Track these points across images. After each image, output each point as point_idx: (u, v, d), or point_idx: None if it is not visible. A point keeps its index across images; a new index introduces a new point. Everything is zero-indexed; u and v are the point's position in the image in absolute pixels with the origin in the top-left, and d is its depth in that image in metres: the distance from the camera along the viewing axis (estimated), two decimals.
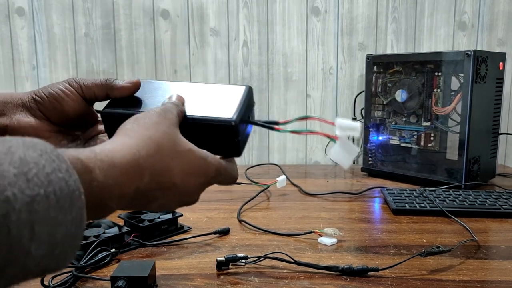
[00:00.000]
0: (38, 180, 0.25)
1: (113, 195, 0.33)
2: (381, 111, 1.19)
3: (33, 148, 0.26)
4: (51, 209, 0.25)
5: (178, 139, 0.39)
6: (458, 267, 0.61)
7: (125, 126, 0.39)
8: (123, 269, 0.55)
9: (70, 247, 0.27)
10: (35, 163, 0.25)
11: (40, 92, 0.46)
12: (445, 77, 1.06)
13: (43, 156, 0.26)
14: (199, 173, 0.40)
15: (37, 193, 0.24)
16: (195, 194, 0.42)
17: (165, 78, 1.38)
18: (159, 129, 0.38)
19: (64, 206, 0.26)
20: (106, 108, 0.47)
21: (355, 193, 1.01)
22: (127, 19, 1.36)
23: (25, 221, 0.23)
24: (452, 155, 1.07)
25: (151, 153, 0.36)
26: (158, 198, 0.38)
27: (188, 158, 0.39)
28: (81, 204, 0.28)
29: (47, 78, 1.37)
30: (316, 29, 1.37)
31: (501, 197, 0.91)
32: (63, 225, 0.26)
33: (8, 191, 0.23)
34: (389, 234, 0.75)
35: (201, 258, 0.65)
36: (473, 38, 1.36)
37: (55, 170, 0.26)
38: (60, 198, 0.26)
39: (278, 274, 0.60)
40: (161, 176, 0.37)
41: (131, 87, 0.47)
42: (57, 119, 0.47)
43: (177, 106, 0.43)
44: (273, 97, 1.40)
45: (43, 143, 0.28)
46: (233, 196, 0.99)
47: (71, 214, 0.27)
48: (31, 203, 0.24)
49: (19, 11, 1.34)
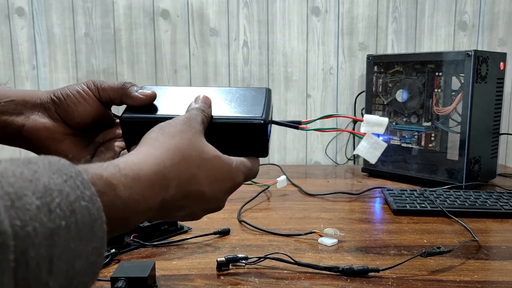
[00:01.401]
0: (60, 212, 0.24)
1: (139, 210, 0.32)
2: (381, 111, 1.19)
3: (58, 173, 0.26)
4: (71, 240, 0.24)
5: (204, 146, 0.39)
6: (459, 268, 0.61)
7: (149, 135, 0.38)
8: (123, 269, 0.54)
9: (89, 275, 0.27)
10: (59, 190, 0.25)
11: (58, 92, 0.45)
12: (446, 77, 1.06)
13: (68, 182, 0.25)
14: (226, 179, 0.40)
15: (58, 225, 0.24)
16: (222, 200, 0.42)
17: (165, 78, 1.38)
18: (184, 137, 0.38)
19: (85, 237, 0.25)
20: (124, 113, 0.45)
21: (355, 193, 1.01)
22: (127, 19, 1.36)
23: (44, 256, 0.23)
24: (452, 155, 1.07)
25: (176, 162, 0.36)
26: (185, 207, 0.38)
27: (214, 165, 0.39)
28: (102, 234, 0.27)
29: (47, 78, 1.37)
30: (316, 29, 1.37)
31: (502, 198, 0.91)
32: (83, 255, 0.25)
33: (29, 227, 0.22)
34: (389, 234, 0.75)
35: (201, 259, 0.65)
36: (473, 38, 1.36)
37: (79, 198, 0.25)
38: (81, 228, 0.25)
39: (279, 274, 0.60)
40: (188, 185, 0.37)
41: (144, 100, 0.45)
42: (73, 121, 0.46)
43: (203, 111, 0.42)
44: (273, 97, 1.39)
45: (68, 165, 0.27)
46: (233, 196, 0.98)
47: (92, 244, 0.26)
48: (51, 236, 0.23)
49: (19, 11, 1.34)
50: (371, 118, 0.48)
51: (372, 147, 0.49)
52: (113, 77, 1.38)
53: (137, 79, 1.38)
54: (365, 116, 0.49)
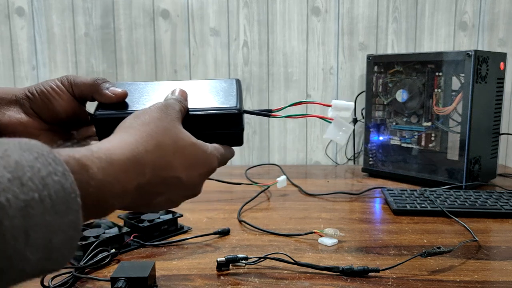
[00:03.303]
0: (32, 184, 0.24)
1: (114, 193, 0.32)
2: (381, 111, 1.19)
3: (29, 151, 0.26)
4: (46, 213, 0.25)
5: (180, 134, 0.40)
6: (459, 268, 0.61)
7: (124, 123, 0.39)
8: (123, 269, 0.54)
9: (67, 249, 0.27)
10: (30, 166, 0.25)
11: (32, 89, 0.46)
12: (446, 77, 1.06)
13: (39, 159, 0.26)
14: (201, 165, 0.41)
15: (31, 198, 0.24)
16: (198, 185, 0.43)
17: (165, 78, 1.38)
18: (159, 125, 0.38)
19: (60, 210, 0.26)
20: (97, 110, 0.45)
21: (355, 193, 1.01)
22: (127, 19, 1.36)
23: (20, 227, 0.23)
24: (452, 155, 1.07)
25: (151, 148, 0.36)
26: (162, 193, 0.38)
27: (190, 152, 0.40)
28: (77, 207, 0.27)
29: (47, 78, 1.36)
30: (316, 29, 1.37)
31: (502, 198, 0.91)
32: (60, 228, 0.26)
33: (1, 197, 0.23)
34: (389, 234, 0.75)
35: (201, 259, 0.65)
36: (473, 38, 1.36)
37: (51, 173, 0.26)
38: (56, 202, 0.25)
39: (279, 274, 0.60)
40: (164, 171, 0.37)
41: (113, 98, 0.46)
42: (48, 117, 0.46)
43: (180, 101, 0.43)
44: (273, 97, 1.39)
45: (40, 145, 0.27)
46: (233, 197, 0.98)
47: (68, 217, 0.26)
48: (25, 208, 0.24)
49: (19, 11, 1.34)
50: (339, 102, 0.51)
51: (341, 130, 0.51)
52: (113, 77, 1.38)
53: (137, 79, 1.38)
54: (333, 101, 0.51)
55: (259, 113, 0.50)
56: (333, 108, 0.51)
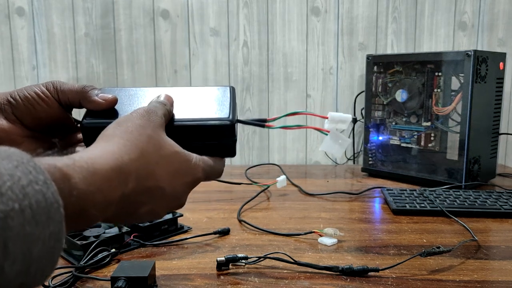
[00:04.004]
0: (12, 194, 0.23)
1: (97, 203, 0.31)
2: (381, 111, 1.19)
3: (8, 159, 0.25)
4: (27, 224, 0.24)
5: (163, 142, 0.38)
6: (459, 267, 0.61)
7: (106, 132, 0.37)
8: (123, 269, 0.55)
9: (48, 261, 0.26)
10: (10, 175, 0.24)
11: (15, 94, 0.44)
12: (445, 77, 1.06)
13: (19, 168, 0.25)
14: (185, 175, 0.40)
15: (11, 208, 0.23)
16: (182, 196, 0.41)
17: (165, 78, 1.38)
18: (142, 132, 0.37)
19: (41, 220, 0.24)
20: (85, 118, 0.43)
21: (355, 193, 1.01)
22: (127, 19, 1.36)
23: None
24: (452, 155, 1.07)
25: (135, 157, 0.35)
26: (146, 203, 0.37)
27: (173, 161, 0.38)
28: (59, 218, 0.26)
29: (47, 78, 1.37)
30: (316, 29, 1.37)
31: (502, 197, 0.91)
32: (40, 240, 0.25)
33: None
34: (389, 234, 0.75)
35: (201, 258, 0.65)
36: (473, 38, 1.36)
37: (32, 182, 0.25)
38: (37, 212, 0.24)
39: (278, 274, 0.60)
40: (147, 180, 0.36)
41: (103, 105, 0.44)
42: (31, 123, 0.44)
43: (165, 105, 0.42)
44: (273, 97, 1.40)
45: (19, 152, 0.26)
46: (233, 196, 0.98)
47: (49, 229, 0.25)
48: (5, 219, 0.22)
49: (19, 11, 1.34)
50: (335, 115, 0.50)
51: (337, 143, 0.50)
52: (113, 77, 1.38)
53: (137, 79, 1.38)
54: (329, 113, 0.50)
55: (253, 123, 0.48)
56: (329, 120, 0.50)
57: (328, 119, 0.50)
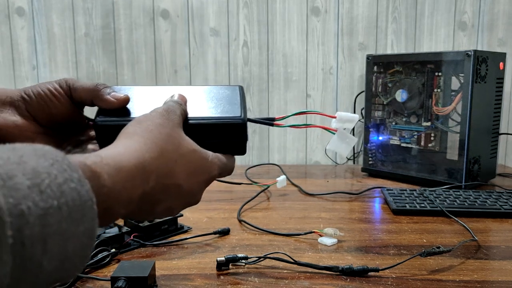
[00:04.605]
0: (51, 192, 0.24)
1: (121, 200, 0.32)
2: (381, 111, 1.19)
3: (44, 157, 0.26)
4: (63, 221, 0.25)
5: (182, 140, 0.39)
6: (459, 267, 0.61)
7: (126, 129, 0.38)
8: (123, 269, 0.55)
9: (80, 258, 0.27)
10: (47, 173, 0.25)
11: (29, 90, 0.44)
12: (445, 77, 1.06)
13: (55, 166, 0.25)
14: (201, 173, 0.40)
15: (50, 205, 0.24)
16: (198, 194, 0.42)
17: (165, 78, 1.38)
18: (162, 131, 0.38)
19: (76, 218, 0.25)
20: (98, 117, 0.44)
21: (355, 193, 1.01)
22: (127, 19, 1.36)
23: (38, 235, 0.23)
24: (452, 155, 1.07)
25: (155, 156, 0.36)
26: (163, 201, 0.38)
27: (191, 159, 0.39)
28: (93, 215, 0.27)
29: (47, 78, 1.37)
30: (316, 29, 1.37)
31: (502, 197, 0.91)
32: (75, 236, 0.26)
33: (22, 205, 0.22)
34: (389, 234, 0.75)
35: (201, 258, 0.65)
36: (473, 38, 1.36)
37: (67, 180, 0.26)
38: (72, 210, 0.25)
39: (278, 274, 0.60)
40: (166, 178, 0.37)
41: (115, 104, 0.44)
42: (44, 120, 0.45)
43: (180, 104, 0.43)
44: (273, 97, 1.40)
45: (54, 151, 0.27)
46: (233, 196, 0.98)
47: (83, 225, 0.26)
48: (44, 216, 0.23)
49: (19, 11, 1.34)
50: (343, 114, 0.50)
51: (344, 142, 0.51)
52: (113, 77, 1.38)
53: (137, 79, 1.38)
54: (337, 112, 0.50)
55: (262, 122, 0.49)
56: (337, 119, 0.51)
57: (336, 119, 0.50)
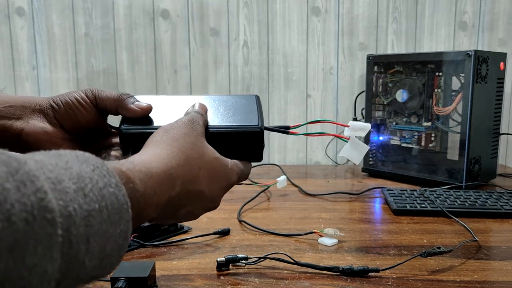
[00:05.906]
0: (93, 195, 0.27)
1: (151, 204, 0.34)
2: (381, 111, 1.19)
3: (86, 163, 0.28)
4: (104, 223, 0.27)
5: (205, 149, 0.42)
6: (459, 268, 0.61)
7: (154, 138, 0.40)
8: (123, 269, 0.54)
9: (116, 257, 0.29)
10: (89, 178, 0.27)
11: (57, 99, 0.47)
12: (446, 77, 1.06)
13: (95, 171, 0.28)
14: (222, 179, 0.44)
15: (93, 208, 0.26)
16: (218, 199, 0.45)
17: (165, 78, 1.38)
18: (187, 140, 0.40)
19: (114, 220, 0.28)
20: (123, 125, 0.46)
21: (355, 193, 1.01)
22: (127, 19, 1.36)
23: (83, 235, 0.25)
24: (452, 155, 1.07)
25: (181, 163, 0.38)
26: (186, 206, 0.40)
27: (213, 167, 0.42)
28: (128, 217, 0.29)
29: (47, 78, 1.37)
30: (316, 29, 1.37)
31: (502, 198, 0.91)
32: (112, 237, 0.28)
33: (70, 207, 0.25)
34: (389, 234, 0.75)
35: (201, 259, 0.65)
36: (473, 38, 1.36)
37: (107, 185, 0.28)
38: (111, 213, 0.28)
39: (279, 274, 0.60)
40: (190, 184, 0.39)
41: (139, 113, 0.47)
42: (70, 127, 0.47)
43: (202, 115, 0.45)
44: (273, 97, 1.40)
45: (93, 157, 0.30)
46: (233, 197, 0.98)
47: (120, 227, 0.29)
48: (88, 218, 0.26)
49: (19, 11, 1.34)
50: (356, 124, 0.53)
51: (356, 149, 0.53)
52: (113, 77, 1.38)
53: (137, 79, 1.38)
54: (350, 122, 0.53)
55: (278, 130, 0.52)
56: (350, 128, 0.53)
57: (349, 127, 0.53)
